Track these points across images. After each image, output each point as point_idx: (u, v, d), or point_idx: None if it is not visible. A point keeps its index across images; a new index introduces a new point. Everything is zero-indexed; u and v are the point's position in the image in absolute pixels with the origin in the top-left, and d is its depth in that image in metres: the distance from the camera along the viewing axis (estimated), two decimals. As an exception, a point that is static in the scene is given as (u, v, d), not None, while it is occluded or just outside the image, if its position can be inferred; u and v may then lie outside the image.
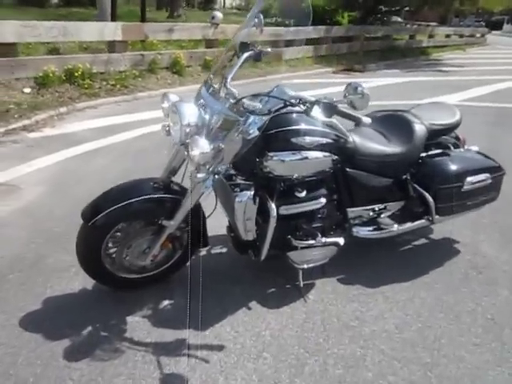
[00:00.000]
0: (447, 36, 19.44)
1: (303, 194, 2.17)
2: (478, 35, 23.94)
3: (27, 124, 5.17)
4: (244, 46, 2.14)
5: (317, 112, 1.84)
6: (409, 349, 1.98)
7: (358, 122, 1.90)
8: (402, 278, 2.48)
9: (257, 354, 1.92)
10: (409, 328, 2.12)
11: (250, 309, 2.21)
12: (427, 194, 2.43)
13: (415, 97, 7.35)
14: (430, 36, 17.97)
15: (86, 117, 5.76)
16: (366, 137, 2.42)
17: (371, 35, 13.75)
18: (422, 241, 2.90)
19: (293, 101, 1.88)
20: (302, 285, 2.33)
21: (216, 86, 2.13)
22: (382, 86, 9.14)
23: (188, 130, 1.88)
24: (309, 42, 11.18)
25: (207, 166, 1.91)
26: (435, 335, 2.07)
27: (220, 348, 1.95)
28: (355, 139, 2.35)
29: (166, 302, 2.22)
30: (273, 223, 2.05)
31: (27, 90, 6.19)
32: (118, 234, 2.10)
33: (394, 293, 2.36)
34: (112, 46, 7.52)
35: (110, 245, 2.10)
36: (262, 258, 2.15)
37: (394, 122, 2.53)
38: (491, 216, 3.22)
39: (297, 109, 1.94)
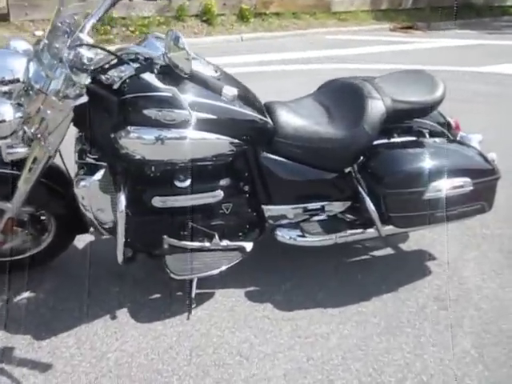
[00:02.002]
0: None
1: (186, 183, 1.63)
2: None
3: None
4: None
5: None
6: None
7: (216, 93, 1.31)
8: (331, 303, 1.89)
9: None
10: (303, 379, 1.57)
11: (114, 318, 1.76)
12: (368, 199, 1.77)
13: (478, 63, 6.24)
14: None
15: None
16: (298, 113, 1.78)
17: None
18: (385, 251, 2.24)
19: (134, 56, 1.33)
20: (193, 295, 1.84)
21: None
22: (443, 48, 7.90)
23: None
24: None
25: (21, 138, 1.44)
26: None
27: (45, 368, 1.55)
28: (277, 116, 1.73)
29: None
30: (121, 219, 1.55)
31: (38, 33, 5.96)
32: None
33: (308, 323, 1.79)
34: (136, -11, 7.03)
35: None
36: (120, 260, 1.67)
37: (346, 96, 1.84)
38: (495, 226, 2.47)
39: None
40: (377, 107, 1.75)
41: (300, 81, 4.80)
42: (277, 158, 1.74)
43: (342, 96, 1.84)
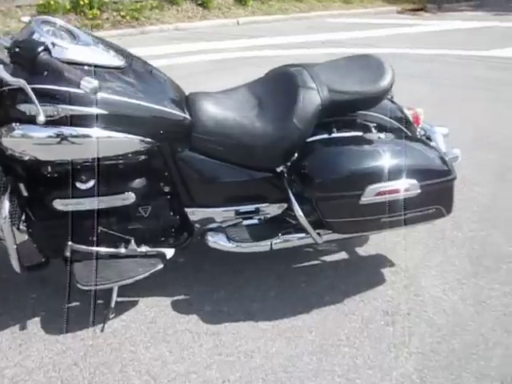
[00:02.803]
0: None
1: (89, 184, 1.46)
2: None
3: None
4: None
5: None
6: None
7: (74, 84, 1.13)
8: (265, 316, 1.70)
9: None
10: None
11: (23, 328, 1.61)
12: (295, 203, 1.57)
13: (486, 46, 5.89)
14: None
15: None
16: (223, 106, 1.58)
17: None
18: (339, 256, 2.03)
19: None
20: (112, 304, 1.68)
21: None
22: (452, 30, 7.53)
23: None
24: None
25: None
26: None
27: None
28: (197, 109, 1.54)
29: None
30: (6, 225, 1.39)
31: (25, 19, 5.81)
32: None
33: (234, 338, 1.61)
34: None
35: None
36: (16, 269, 1.51)
37: (280, 85, 1.63)
38: (469, 228, 2.24)
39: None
40: (310, 98, 1.53)
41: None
42: (197, 156, 1.55)
43: (277, 86, 1.63)
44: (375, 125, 1.65)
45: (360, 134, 1.60)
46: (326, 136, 1.60)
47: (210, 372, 1.49)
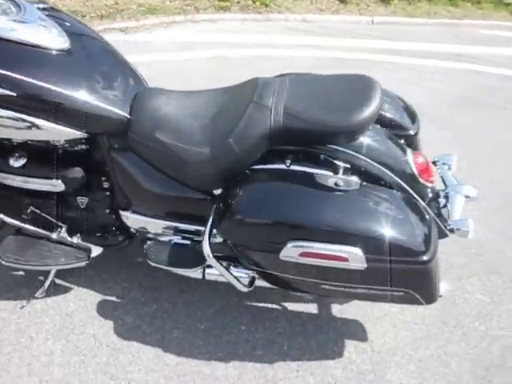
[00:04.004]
0: None
1: (20, 163, 1.43)
2: None
3: (131, 26, 5.25)
4: None
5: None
6: None
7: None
8: (175, 349, 1.51)
9: None
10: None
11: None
12: (207, 234, 1.30)
13: None
14: None
15: (193, 29, 5.49)
16: (173, 108, 1.40)
17: None
18: (306, 307, 1.70)
19: None
20: (46, 285, 1.66)
21: None
22: None
23: None
24: None
25: None
26: None
27: None
28: (140, 106, 1.39)
29: None
30: None
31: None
32: None
33: (131, 362, 1.45)
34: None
35: None
36: None
37: (238, 97, 1.36)
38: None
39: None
40: (258, 119, 1.25)
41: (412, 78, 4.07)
42: (133, 157, 1.41)
43: (235, 96, 1.38)
44: (347, 166, 1.29)
45: (316, 173, 1.26)
46: (272, 167, 1.30)
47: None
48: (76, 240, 1.56)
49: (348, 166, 1.29)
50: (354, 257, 1.15)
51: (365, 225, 1.17)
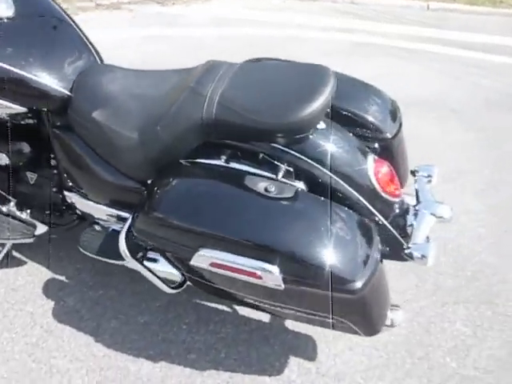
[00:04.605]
0: None
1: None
2: None
3: None
4: None
5: None
6: None
7: None
8: (107, 340, 1.45)
9: None
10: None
11: None
12: (125, 228, 1.20)
13: None
14: None
15: (231, 5, 5.32)
16: (119, 88, 1.30)
17: None
18: (258, 315, 1.58)
19: None
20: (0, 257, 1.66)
21: None
22: None
23: None
24: None
25: None
26: None
27: None
28: (86, 82, 1.30)
29: None
30: None
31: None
32: None
33: (58, 349, 1.42)
34: None
35: None
36: None
37: (183, 80, 1.23)
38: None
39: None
40: (189, 107, 1.12)
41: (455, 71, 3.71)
42: (73, 136, 1.33)
43: (182, 80, 1.24)
44: (289, 169, 1.13)
45: (249, 174, 1.12)
46: (204, 161, 1.16)
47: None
48: (24, 216, 1.53)
49: (289, 169, 1.13)
50: (268, 275, 1.01)
51: (286, 240, 1.02)
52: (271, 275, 1.00)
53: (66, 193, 1.46)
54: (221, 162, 1.16)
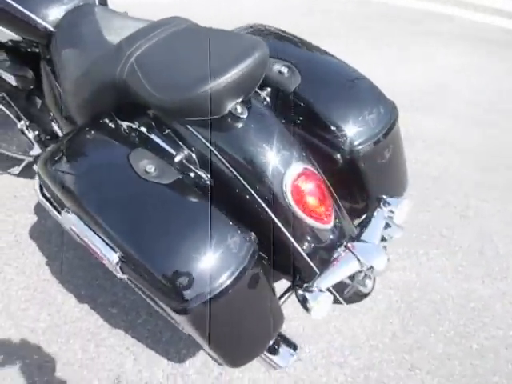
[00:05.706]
0: None
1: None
2: None
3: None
4: None
5: None
6: None
7: None
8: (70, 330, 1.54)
9: None
10: None
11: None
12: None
13: None
14: None
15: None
16: (103, 27, 1.27)
17: None
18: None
19: None
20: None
21: None
22: None
23: None
24: None
25: None
26: None
27: None
28: (69, 19, 1.34)
29: None
30: None
31: None
32: None
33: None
34: None
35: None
36: None
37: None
38: None
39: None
40: (108, 61, 1.03)
41: None
42: (50, 70, 1.37)
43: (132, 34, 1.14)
44: (191, 154, 0.98)
45: (139, 148, 0.99)
46: (106, 122, 1.07)
47: None
48: (32, 136, 1.68)
49: (192, 154, 0.99)
50: (108, 260, 0.92)
51: (134, 232, 0.90)
52: (111, 261, 0.91)
53: (53, 124, 1.54)
54: (127, 127, 1.07)
